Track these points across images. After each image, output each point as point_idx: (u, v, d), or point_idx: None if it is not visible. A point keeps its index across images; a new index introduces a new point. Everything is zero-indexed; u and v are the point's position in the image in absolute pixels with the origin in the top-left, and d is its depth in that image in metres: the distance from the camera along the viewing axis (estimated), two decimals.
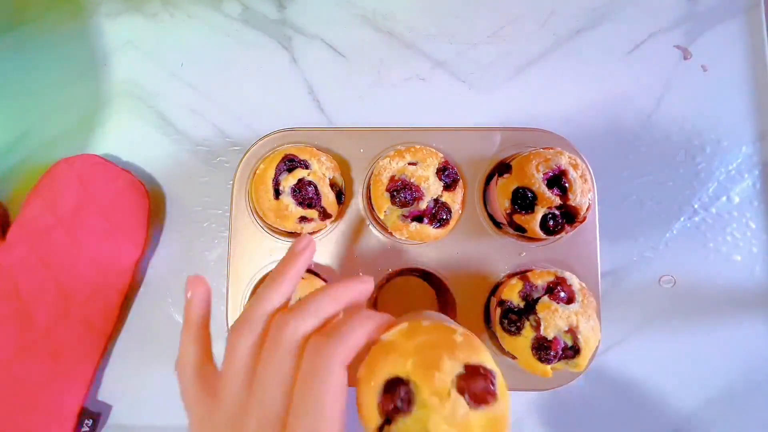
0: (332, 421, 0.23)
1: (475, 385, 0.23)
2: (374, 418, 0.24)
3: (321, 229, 0.43)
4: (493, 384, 0.24)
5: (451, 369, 0.23)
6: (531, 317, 0.37)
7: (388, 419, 0.24)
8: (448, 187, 0.41)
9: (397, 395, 0.24)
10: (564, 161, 0.39)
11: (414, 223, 0.40)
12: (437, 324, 0.26)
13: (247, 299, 0.42)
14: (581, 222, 0.39)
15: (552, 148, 0.40)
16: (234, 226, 0.43)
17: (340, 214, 0.43)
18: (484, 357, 0.24)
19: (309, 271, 0.43)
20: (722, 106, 0.47)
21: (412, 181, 0.40)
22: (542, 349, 0.36)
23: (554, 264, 0.42)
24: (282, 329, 0.25)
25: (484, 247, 0.43)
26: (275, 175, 0.40)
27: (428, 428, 0.23)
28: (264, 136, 0.44)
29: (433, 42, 0.50)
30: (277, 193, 0.40)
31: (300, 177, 0.40)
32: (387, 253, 0.43)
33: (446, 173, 0.41)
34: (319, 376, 0.23)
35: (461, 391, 0.23)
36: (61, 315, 0.43)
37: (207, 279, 0.29)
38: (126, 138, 0.49)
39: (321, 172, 0.41)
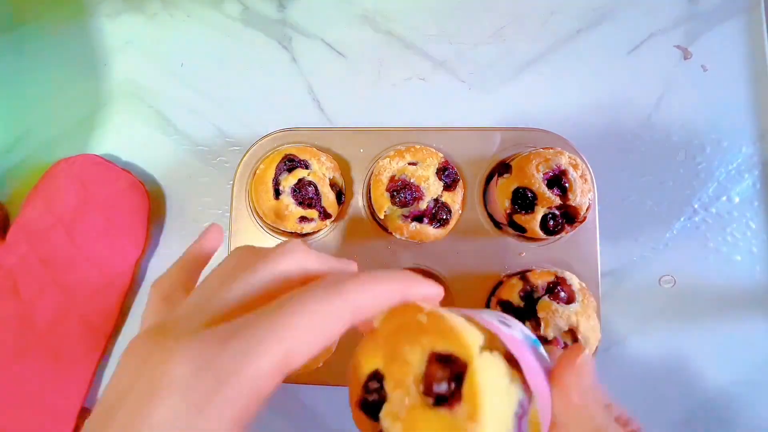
0: (297, 333, 0.17)
1: (435, 379, 0.19)
2: (363, 422, 0.21)
3: (321, 229, 0.43)
4: (454, 379, 0.18)
5: (412, 358, 0.19)
6: (531, 317, 0.37)
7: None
8: (448, 187, 0.41)
9: (370, 393, 0.20)
10: (564, 161, 0.39)
11: (414, 223, 0.40)
12: (408, 304, 0.21)
13: None
14: (581, 222, 0.39)
15: (552, 148, 0.40)
16: (234, 226, 0.43)
17: (340, 214, 0.43)
18: (454, 342, 0.19)
19: None
20: (722, 106, 0.47)
21: (412, 181, 0.40)
22: None
23: (554, 264, 0.42)
24: (278, 260, 0.20)
25: (484, 247, 0.43)
26: (275, 175, 0.40)
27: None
28: (264, 136, 0.44)
29: (433, 42, 0.50)
30: (277, 193, 0.40)
31: (300, 177, 0.40)
32: (387, 253, 0.43)
33: (446, 173, 0.41)
34: (318, 290, 0.18)
35: (427, 384, 0.19)
36: (61, 315, 0.43)
37: None
38: (126, 138, 0.49)
39: (321, 172, 0.41)
